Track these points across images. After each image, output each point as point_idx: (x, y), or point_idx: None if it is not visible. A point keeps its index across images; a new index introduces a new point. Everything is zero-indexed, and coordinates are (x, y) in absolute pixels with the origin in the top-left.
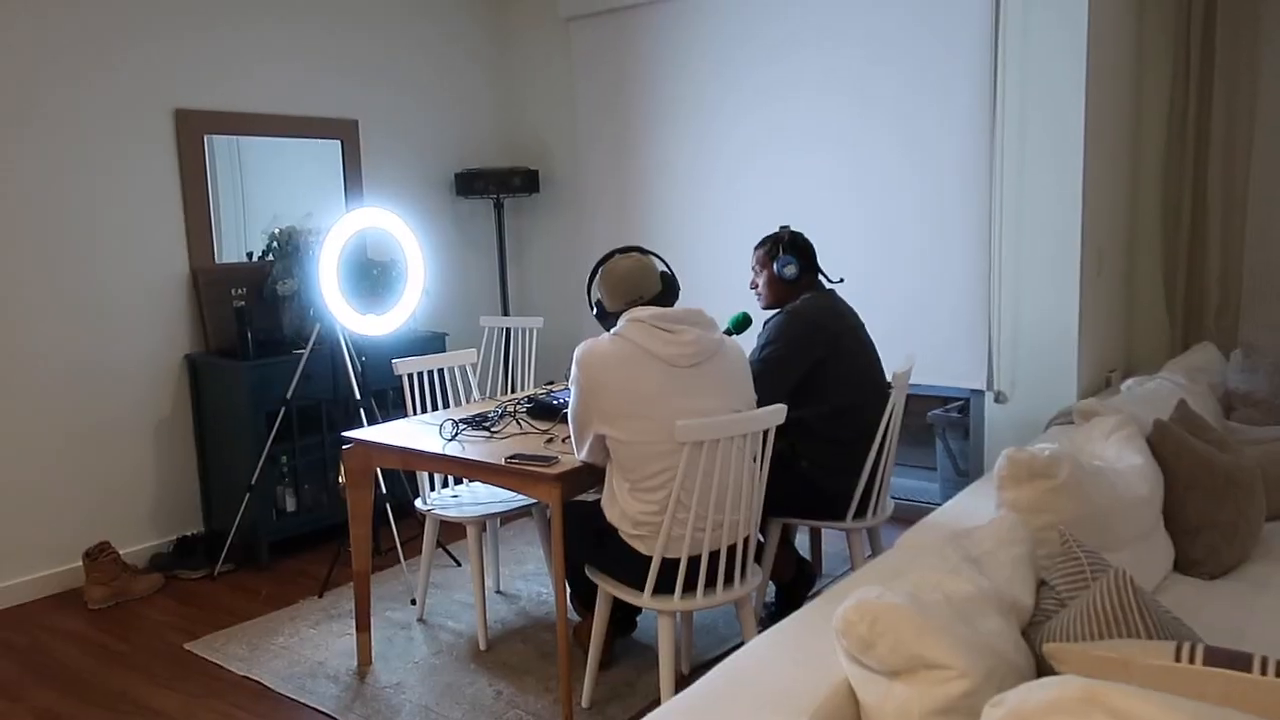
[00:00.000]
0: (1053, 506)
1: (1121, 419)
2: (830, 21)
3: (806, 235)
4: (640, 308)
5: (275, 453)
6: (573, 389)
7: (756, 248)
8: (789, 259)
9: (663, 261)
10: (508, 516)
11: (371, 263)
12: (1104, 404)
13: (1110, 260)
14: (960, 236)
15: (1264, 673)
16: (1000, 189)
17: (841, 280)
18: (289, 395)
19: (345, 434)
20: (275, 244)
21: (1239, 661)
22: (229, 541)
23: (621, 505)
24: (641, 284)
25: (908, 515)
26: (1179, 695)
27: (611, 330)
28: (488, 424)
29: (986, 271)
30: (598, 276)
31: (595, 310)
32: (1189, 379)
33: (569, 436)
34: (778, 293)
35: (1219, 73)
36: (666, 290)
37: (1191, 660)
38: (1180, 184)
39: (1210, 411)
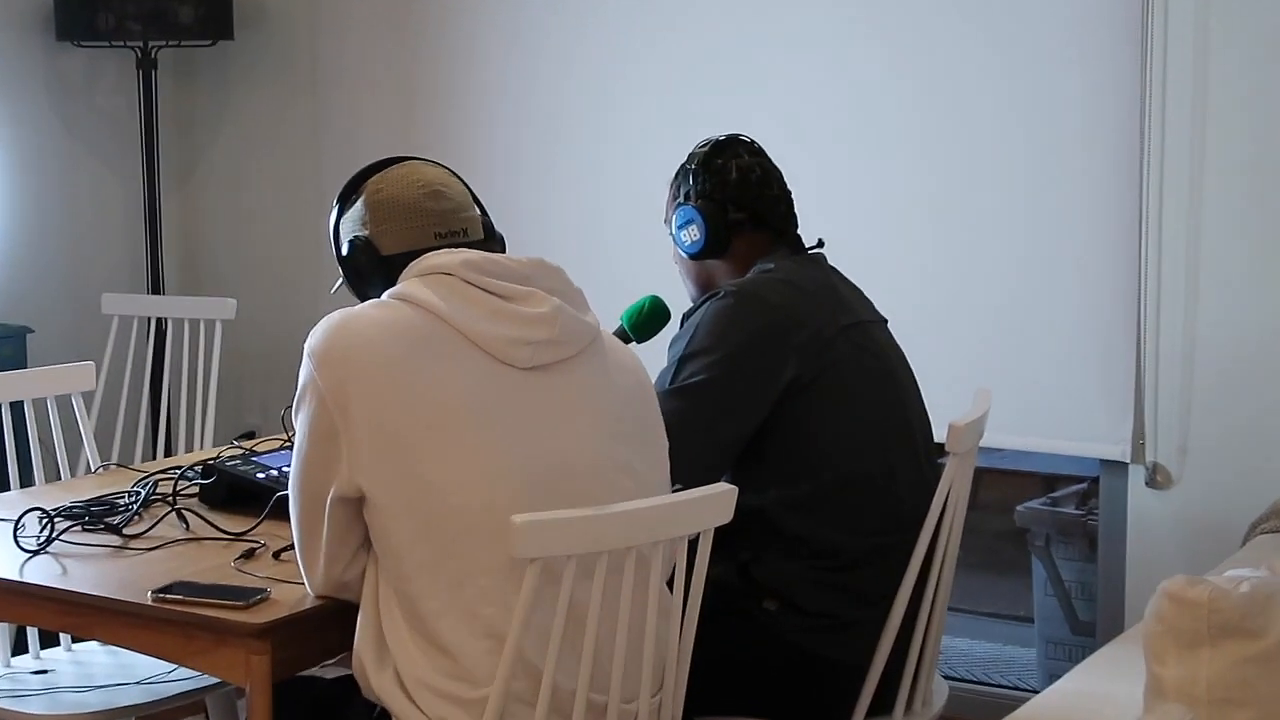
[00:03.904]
0: (1254, 692)
1: None
2: None
3: (771, 158)
4: (442, 253)
5: None
6: (300, 417)
7: (671, 184)
8: (691, 213)
9: (471, 194)
10: (159, 715)
11: None
12: None
13: None
14: (1083, 192)
15: None
16: (1161, 107)
17: (821, 244)
18: None
19: None
20: None
21: None
22: None
23: (398, 664)
24: (458, 211)
25: (975, 711)
26: None
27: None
28: (116, 519)
29: (1136, 251)
30: (363, 195)
31: (346, 254)
32: None
33: (291, 546)
34: (697, 273)
35: None
36: (490, 239)
37: None
38: None
39: None
